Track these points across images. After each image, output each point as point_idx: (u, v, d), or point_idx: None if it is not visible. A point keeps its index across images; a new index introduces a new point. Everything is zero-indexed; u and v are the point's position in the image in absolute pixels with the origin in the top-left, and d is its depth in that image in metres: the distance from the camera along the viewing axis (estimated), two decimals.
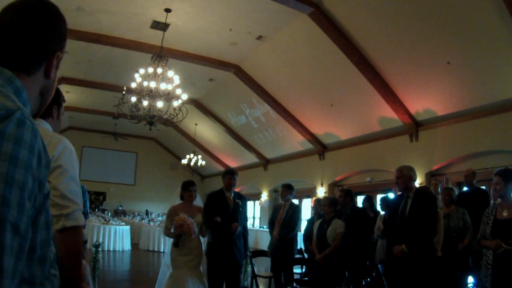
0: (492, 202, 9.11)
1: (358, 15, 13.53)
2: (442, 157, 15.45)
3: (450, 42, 12.88)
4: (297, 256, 11.11)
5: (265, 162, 26.00)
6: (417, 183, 14.85)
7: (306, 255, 11.49)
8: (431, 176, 15.85)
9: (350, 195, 10.33)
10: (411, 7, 12.58)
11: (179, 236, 7.86)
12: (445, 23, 12.50)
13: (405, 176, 7.19)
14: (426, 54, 13.55)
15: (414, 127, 16.09)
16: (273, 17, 14.56)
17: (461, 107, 14.44)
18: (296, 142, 21.89)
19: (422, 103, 15.33)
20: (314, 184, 21.44)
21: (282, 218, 10.70)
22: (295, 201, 14.03)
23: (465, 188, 11.75)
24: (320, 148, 20.83)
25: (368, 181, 18.85)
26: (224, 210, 8.46)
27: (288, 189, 11.04)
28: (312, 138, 20.64)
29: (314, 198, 16.64)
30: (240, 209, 8.71)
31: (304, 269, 11.88)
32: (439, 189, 13.48)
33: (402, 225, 7.08)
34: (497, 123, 13.60)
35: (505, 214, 6.02)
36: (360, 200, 13.97)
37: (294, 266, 11.10)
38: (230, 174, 8.78)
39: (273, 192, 25.63)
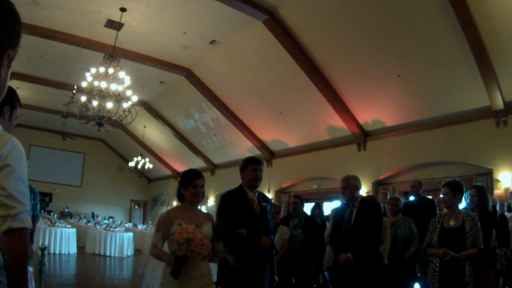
0: (438, 211, 9.20)
1: (313, 25, 13.45)
2: (389, 167, 15.46)
3: (401, 55, 12.94)
4: None
5: (213, 167, 25.58)
6: (364, 192, 14.91)
7: None
8: (378, 185, 15.82)
9: (303, 202, 10.27)
10: (365, 20, 12.59)
11: (184, 260, 4.76)
12: (398, 37, 12.54)
13: (351, 186, 7.30)
14: (378, 66, 13.58)
15: (363, 136, 16.05)
16: (227, 22, 14.28)
17: (409, 119, 14.57)
18: (244, 148, 21.58)
19: (371, 113, 15.31)
20: (261, 190, 20.75)
21: None
22: None
23: (411, 198, 11.78)
24: (268, 154, 20.58)
25: (315, 189, 18.63)
26: (249, 219, 5.83)
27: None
28: (260, 144, 20.41)
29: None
30: (269, 216, 6.12)
31: None
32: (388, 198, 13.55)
33: (347, 234, 7.16)
34: (444, 136, 13.81)
35: (452, 223, 6.18)
36: (307, 208, 13.92)
37: None
38: (255, 163, 6.06)
39: (219, 198, 24.68)
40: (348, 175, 7.55)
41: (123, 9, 13.75)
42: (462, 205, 7.29)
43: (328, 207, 16.27)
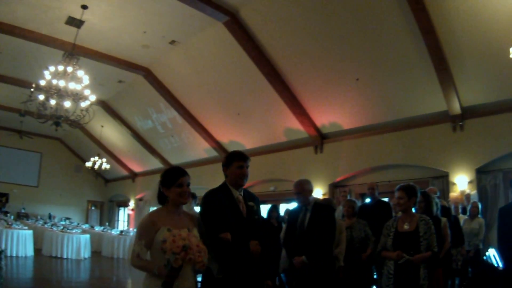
0: (394, 214, 9.25)
1: (273, 28, 13.46)
2: (345, 169, 15.54)
3: (360, 60, 13.07)
4: None
5: None
6: (320, 194, 14.92)
7: None
8: (334, 187, 15.91)
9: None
10: (325, 24, 12.68)
11: (178, 271, 4.11)
12: (357, 41, 12.64)
13: (305, 190, 7.15)
14: (336, 70, 13.68)
15: (319, 139, 16.12)
16: (188, 23, 14.15)
17: (367, 122, 14.72)
18: (201, 149, 21.44)
19: (328, 116, 15.36)
20: None
21: None
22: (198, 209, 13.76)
23: (367, 200, 11.86)
24: (225, 156, 20.19)
25: (271, 190, 18.59)
26: (235, 221, 5.13)
27: (191, 197, 10.79)
28: (217, 145, 20.26)
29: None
30: (256, 217, 5.46)
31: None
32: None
33: (301, 237, 7.10)
34: (401, 139, 14.07)
35: (406, 227, 6.17)
36: (263, 209, 13.85)
37: None
38: (240, 159, 5.41)
39: (202, 198, 24.27)
40: (301, 179, 7.38)
41: (84, 7, 13.46)
42: None
43: (285, 209, 16.20)
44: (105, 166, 26.17)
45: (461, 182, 12.89)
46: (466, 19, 11.13)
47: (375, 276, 9.48)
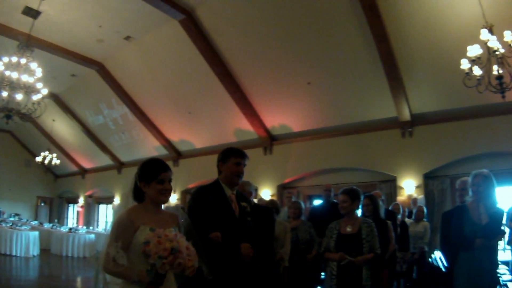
0: None
1: (228, 28, 13.45)
2: (294, 171, 15.62)
3: (313, 64, 13.20)
4: None
5: (120, 165, 25.00)
6: (268, 195, 14.92)
7: None
8: (283, 188, 15.96)
9: None
10: (280, 28, 12.76)
11: (163, 277, 3.61)
12: (311, 46, 12.75)
13: (245, 192, 7.10)
14: (289, 73, 13.77)
15: (269, 140, 16.19)
16: (143, 19, 14.02)
17: (317, 125, 14.86)
18: (151, 146, 21.23)
19: (279, 118, 15.45)
20: None
21: None
22: None
23: (319, 202, 11.98)
24: (175, 154, 20.37)
25: None
26: (226, 221, 4.85)
27: None
28: (167, 144, 20.15)
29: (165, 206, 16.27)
30: (249, 219, 5.20)
31: None
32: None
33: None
34: (351, 143, 14.29)
35: (349, 229, 6.29)
36: None
37: None
38: (238, 155, 5.16)
39: (192, 194, 23.88)
40: (243, 181, 7.54)
41: None
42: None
43: None
44: (55, 161, 25.40)
45: (409, 186, 13.14)
46: (420, 30, 11.35)
47: (323, 276, 9.54)
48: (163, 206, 4.08)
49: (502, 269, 9.55)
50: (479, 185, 6.20)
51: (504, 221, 9.52)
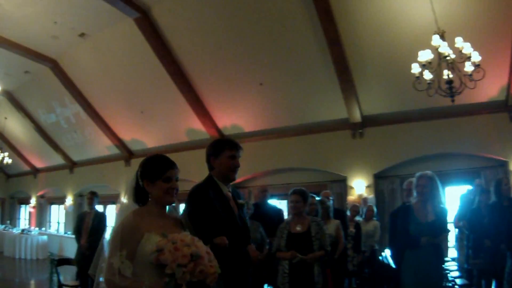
0: (287, 216, 9.44)
1: (182, 28, 13.47)
2: (246, 171, 15.47)
3: (265, 65, 13.33)
4: None
5: (72, 165, 24.39)
6: None
7: None
8: (235, 188, 15.82)
9: None
10: (233, 28, 12.85)
11: None
12: (264, 47, 12.91)
13: None
14: (241, 73, 13.87)
15: None
16: (99, 16, 13.83)
17: (268, 126, 15.00)
18: (103, 146, 20.87)
19: (230, 118, 15.52)
20: (119, 191, 20.32)
21: (89, 226, 10.29)
22: (100, 208, 13.68)
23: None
24: (127, 154, 20.11)
25: None
26: (228, 222, 4.43)
27: (94, 195, 10.69)
28: (119, 143, 19.87)
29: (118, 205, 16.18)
30: (244, 216, 4.86)
31: None
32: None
33: None
34: (302, 143, 14.53)
35: (298, 228, 6.48)
36: None
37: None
38: (233, 147, 4.71)
39: (78, 197, 23.85)
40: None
41: None
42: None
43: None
44: (7, 160, 24.50)
45: (359, 186, 13.44)
46: (373, 34, 11.60)
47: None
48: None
49: (451, 265, 9.79)
50: (424, 186, 6.38)
51: (452, 220, 9.89)
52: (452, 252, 11.60)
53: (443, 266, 6.95)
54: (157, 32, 13.77)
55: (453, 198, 12.48)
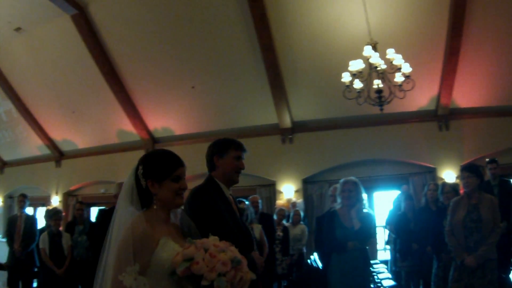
0: None
1: (119, 28, 13.40)
2: None
3: (198, 68, 13.47)
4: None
5: (2, 165, 23.11)
6: None
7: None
8: None
9: (87, 208, 10.35)
10: (169, 31, 12.97)
11: None
12: (197, 51, 13.08)
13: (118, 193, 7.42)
14: (174, 76, 13.94)
15: (151, 143, 16.05)
16: (36, 11, 13.54)
17: (199, 129, 15.06)
18: (34, 146, 20.09)
19: (162, 121, 15.47)
20: (49, 192, 19.83)
21: (22, 230, 10.15)
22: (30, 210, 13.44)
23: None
24: (58, 154, 19.46)
25: (102, 192, 18.09)
26: (234, 227, 4.03)
27: (26, 198, 10.58)
28: (50, 143, 19.21)
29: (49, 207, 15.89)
30: (244, 222, 4.80)
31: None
32: None
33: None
34: None
35: None
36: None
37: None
38: (238, 148, 4.35)
39: (8, 198, 22.57)
40: (118, 182, 7.84)
41: None
42: None
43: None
44: None
45: (288, 190, 13.66)
46: (306, 42, 11.93)
47: None
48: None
49: (380, 267, 10.07)
50: (350, 191, 6.54)
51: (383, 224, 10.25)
52: (385, 254, 11.98)
53: (370, 268, 7.17)
54: (93, 31, 13.60)
55: (382, 202, 13.00)
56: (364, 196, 6.70)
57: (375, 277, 8.79)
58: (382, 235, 12.55)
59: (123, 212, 2.96)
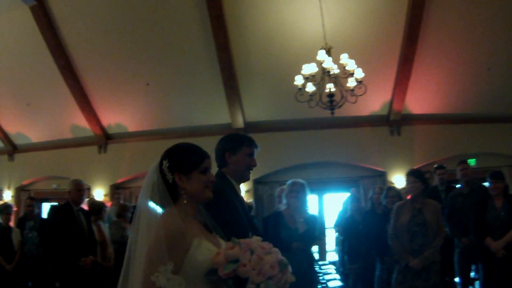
0: None
1: (76, 22, 13.20)
2: (128, 171, 15.57)
3: (153, 66, 13.42)
4: None
5: None
6: (101, 195, 14.80)
7: None
8: (116, 188, 15.72)
9: (38, 204, 10.31)
10: (127, 27, 12.90)
11: None
12: (153, 48, 13.11)
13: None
14: (129, 72, 13.82)
15: (104, 139, 15.93)
16: None
17: (152, 127, 15.08)
18: None
19: (115, 117, 15.31)
20: (1, 187, 19.17)
21: None
22: None
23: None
24: (11, 148, 18.89)
25: (54, 188, 17.83)
26: (249, 226, 3.95)
27: None
28: (4, 137, 18.61)
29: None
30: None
31: None
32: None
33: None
34: None
35: None
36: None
37: None
38: (252, 144, 4.42)
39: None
40: (75, 179, 8.13)
41: None
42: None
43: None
44: None
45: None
46: (262, 43, 12.04)
47: None
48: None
49: (329, 268, 10.22)
50: (297, 192, 6.69)
51: (334, 225, 10.42)
52: (335, 256, 12.17)
53: (315, 269, 7.28)
54: (51, 24, 13.34)
55: (332, 205, 13.21)
56: (311, 198, 6.82)
57: (321, 277, 8.91)
58: (332, 237, 12.71)
59: (146, 210, 2.82)
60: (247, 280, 2.41)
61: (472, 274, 9.30)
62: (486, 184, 8.26)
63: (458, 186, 9.34)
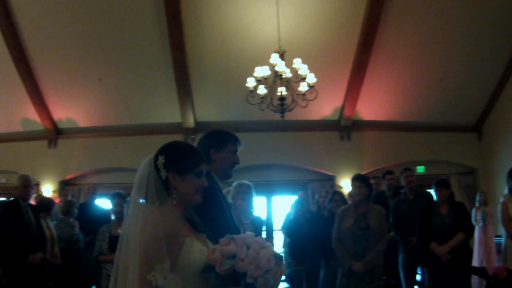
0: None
1: (34, 13, 12.92)
2: (78, 168, 15.27)
3: (107, 61, 13.30)
4: None
5: None
6: (50, 191, 14.60)
7: None
8: (65, 185, 15.40)
9: None
10: (80, 20, 12.84)
11: None
12: (109, 43, 12.97)
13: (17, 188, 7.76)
14: (83, 66, 13.59)
15: (54, 133, 15.60)
16: None
17: (103, 123, 14.87)
18: None
19: (66, 111, 15.01)
20: None
21: None
22: None
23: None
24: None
25: (3, 183, 17.07)
26: (234, 223, 3.87)
27: None
28: None
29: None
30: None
31: None
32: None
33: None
34: (133, 144, 14.78)
35: (119, 231, 6.19)
36: None
37: None
38: (236, 141, 4.11)
39: None
40: (22, 175, 8.03)
41: None
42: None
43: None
44: None
45: None
46: (217, 44, 12.10)
47: None
48: None
49: None
50: (244, 193, 6.75)
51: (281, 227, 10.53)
52: None
53: None
54: (8, 12, 12.98)
55: (280, 207, 13.33)
56: (257, 200, 6.89)
57: None
58: (280, 239, 12.80)
59: (137, 206, 2.78)
60: (245, 275, 2.44)
61: (418, 277, 9.55)
62: (432, 191, 8.38)
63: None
